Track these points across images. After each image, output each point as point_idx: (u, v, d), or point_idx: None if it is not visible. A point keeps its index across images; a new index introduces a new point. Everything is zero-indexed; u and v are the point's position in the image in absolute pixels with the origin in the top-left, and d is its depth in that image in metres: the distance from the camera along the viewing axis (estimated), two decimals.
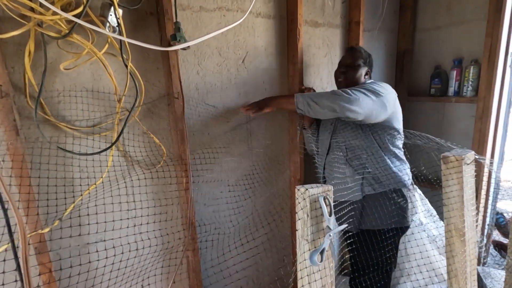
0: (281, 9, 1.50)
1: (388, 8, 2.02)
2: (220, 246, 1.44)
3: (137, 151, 1.17)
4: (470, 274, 1.01)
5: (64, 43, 0.97)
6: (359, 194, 1.37)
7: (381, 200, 1.34)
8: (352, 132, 1.38)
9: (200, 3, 1.25)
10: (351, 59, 1.42)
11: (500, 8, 1.67)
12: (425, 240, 1.52)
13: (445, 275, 1.46)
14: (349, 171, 1.38)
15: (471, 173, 0.98)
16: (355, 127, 1.38)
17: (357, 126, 1.37)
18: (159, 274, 1.24)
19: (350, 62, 1.42)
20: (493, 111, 1.79)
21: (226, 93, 1.40)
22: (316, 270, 0.73)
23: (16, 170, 0.88)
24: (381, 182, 1.35)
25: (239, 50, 1.41)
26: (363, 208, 1.37)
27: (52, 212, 0.98)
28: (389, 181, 1.35)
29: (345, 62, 1.43)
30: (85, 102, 1.04)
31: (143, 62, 1.15)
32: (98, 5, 0.97)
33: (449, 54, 2.01)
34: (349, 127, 1.39)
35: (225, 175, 1.44)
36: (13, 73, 0.91)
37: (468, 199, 0.97)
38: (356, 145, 1.37)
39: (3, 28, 0.87)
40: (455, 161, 0.94)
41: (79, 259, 1.07)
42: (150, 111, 1.19)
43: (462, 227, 0.96)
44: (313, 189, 0.71)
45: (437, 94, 2.02)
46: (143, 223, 1.20)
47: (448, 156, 0.96)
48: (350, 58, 1.43)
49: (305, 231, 0.71)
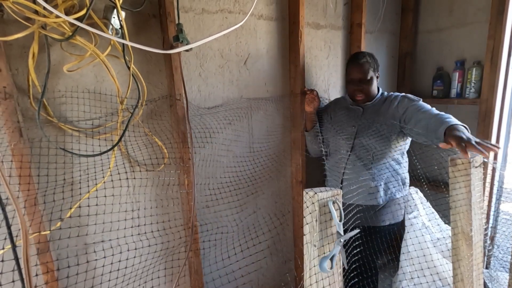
0: (283, 11, 1.51)
1: (390, 10, 2.02)
2: (224, 248, 1.44)
3: (139, 153, 1.17)
4: (476, 279, 0.99)
5: (68, 45, 0.98)
6: (383, 198, 1.41)
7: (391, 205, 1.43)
8: (378, 137, 1.37)
9: (202, 6, 1.25)
10: (362, 73, 1.36)
11: (503, 11, 1.66)
12: (429, 243, 1.51)
13: (448, 279, 1.45)
14: (374, 173, 1.39)
15: (479, 176, 0.94)
16: (384, 135, 1.37)
17: (387, 133, 1.37)
18: (162, 276, 1.24)
19: (363, 76, 1.36)
20: (496, 113, 1.78)
21: (228, 94, 1.41)
22: (324, 276, 0.71)
23: (19, 171, 0.89)
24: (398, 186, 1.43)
25: (241, 52, 1.41)
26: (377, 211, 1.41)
27: (55, 212, 0.99)
28: (400, 187, 1.44)
29: (357, 78, 1.37)
30: (87, 103, 1.05)
31: (146, 64, 1.15)
32: (101, 8, 0.98)
33: (451, 56, 2.00)
34: (373, 132, 1.39)
35: (227, 176, 1.44)
36: (17, 75, 0.92)
37: (476, 203, 0.94)
38: (381, 148, 1.37)
39: (8, 31, 0.88)
40: (463, 163, 0.90)
41: (81, 259, 1.07)
42: (152, 113, 1.20)
43: (469, 231, 0.93)
44: (322, 193, 0.69)
45: (440, 96, 2.01)
46: (146, 224, 1.20)
47: (456, 158, 0.92)
48: (361, 73, 1.36)
49: (314, 236, 0.69)
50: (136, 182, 1.18)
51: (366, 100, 1.43)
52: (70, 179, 1.04)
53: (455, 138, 0.95)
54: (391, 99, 1.39)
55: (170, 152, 1.23)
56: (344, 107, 1.51)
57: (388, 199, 1.42)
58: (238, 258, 1.46)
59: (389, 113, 1.36)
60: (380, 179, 1.38)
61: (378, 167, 1.39)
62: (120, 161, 1.14)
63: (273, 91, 1.56)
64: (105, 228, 1.11)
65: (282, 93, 1.59)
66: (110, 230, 1.12)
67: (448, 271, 1.46)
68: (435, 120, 1.14)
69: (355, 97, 1.42)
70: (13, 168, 0.89)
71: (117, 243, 1.13)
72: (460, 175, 0.92)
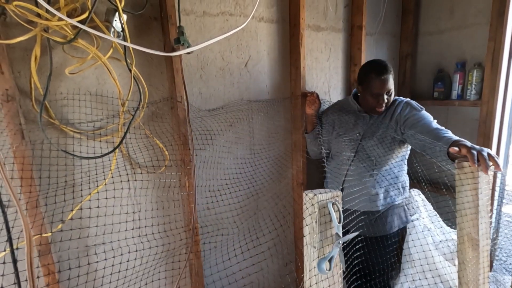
0: (284, 13, 1.51)
1: (390, 12, 2.02)
2: (224, 250, 1.44)
3: (140, 155, 1.17)
4: (482, 283, 0.98)
5: (70, 48, 0.98)
6: (382, 203, 1.41)
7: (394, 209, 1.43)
8: (382, 143, 1.37)
9: (204, 8, 1.26)
10: (388, 87, 1.32)
11: (503, 12, 1.66)
12: (431, 246, 1.50)
13: (450, 282, 1.44)
14: (376, 179, 1.38)
15: (486, 180, 0.92)
16: (388, 141, 1.37)
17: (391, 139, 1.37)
18: (163, 278, 1.24)
19: (389, 90, 1.32)
20: (497, 115, 1.78)
21: (228, 97, 1.41)
22: (324, 278, 0.71)
23: (20, 173, 0.89)
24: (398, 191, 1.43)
25: (242, 54, 1.42)
26: (378, 217, 1.41)
27: (56, 214, 0.99)
28: (400, 192, 1.44)
29: (384, 92, 1.32)
30: (89, 106, 1.05)
31: (147, 66, 1.16)
32: (103, 11, 0.98)
33: (452, 58, 2.00)
34: (378, 138, 1.38)
35: (228, 178, 1.44)
36: (19, 78, 0.93)
37: (483, 206, 0.92)
38: (384, 154, 1.37)
39: (11, 34, 0.88)
40: (470, 167, 0.89)
41: (82, 261, 1.07)
42: (154, 115, 1.20)
43: (475, 235, 0.91)
44: (321, 195, 0.69)
45: (440, 98, 2.01)
46: (147, 225, 1.20)
47: (463, 161, 0.90)
48: (387, 87, 1.31)
49: (314, 237, 0.69)
50: (137, 184, 1.18)
51: (384, 110, 1.39)
52: (72, 181, 1.04)
53: (465, 146, 0.94)
54: (395, 105, 1.39)
55: (171, 154, 1.24)
56: (351, 112, 1.48)
57: (388, 205, 1.42)
58: (239, 260, 1.46)
59: (393, 119, 1.37)
60: (382, 185, 1.38)
61: (380, 172, 1.39)
62: (121, 163, 1.14)
63: (273, 93, 1.56)
64: (106, 230, 1.11)
65: (283, 95, 1.60)
66: (111, 232, 1.12)
67: (450, 274, 1.45)
68: (434, 133, 1.16)
69: (376, 109, 1.36)
70: (15, 170, 0.89)
71: (118, 245, 1.13)
72: (466, 178, 0.90)
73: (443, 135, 1.13)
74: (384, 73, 1.30)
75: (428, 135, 1.18)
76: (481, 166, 0.87)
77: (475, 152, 0.89)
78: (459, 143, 0.98)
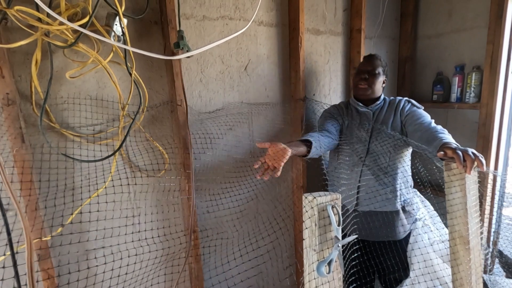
0: (283, 17, 1.52)
1: (389, 16, 2.03)
2: (224, 253, 1.43)
3: (140, 158, 1.17)
4: (476, 283, 0.99)
5: (70, 52, 0.99)
6: (399, 202, 1.39)
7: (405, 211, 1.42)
8: (392, 142, 1.37)
9: (204, 12, 1.27)
10: (372, 66, 1.40)
11: (501, 15, 1.67)
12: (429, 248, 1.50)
13: (449, 284, 1.43)
14: (390, 179, 1.37)
15: (473, 180, 0.96)
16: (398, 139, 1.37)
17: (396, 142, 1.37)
18: (162, 282, 1.24)
19: (371, 69, 1.40)
20: (497, 117, 1.78)
21: (228, 100, 1.41)
22: (324, 281, 0.71)
23: (20, 176, 0.89)
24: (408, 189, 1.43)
25: (242, 58, 1.42)
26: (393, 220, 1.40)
27: (56, 218, 0.99)
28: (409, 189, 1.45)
29: (366, 69, 1.41)
30: (89, 109, 1.06)
31: (147, 70, 1.16)
32: (104, 15, 0.99)
33: (451, 61, 2.01)
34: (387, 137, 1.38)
35: (228, 181, 1.44)
36: (20, 82, 0.93)
37: (471, 206, 0.95)
38: (396, 152, 1.37)
39: (12, 38, 0.89)
40: (458, 167, 0.92)
41: (81, 265, 1.07)
42: (154, 118, 1.20)
43: (466, 235, 0.94)
44: (321, 197, 0.69)
45: (440, 101, 2.01)
46: (147, 229, 1.20)
47: (451, 163, 0.93)
48: (370, 65, 1.40)
49: (313, 240, 0.69)
50: (137, 188, 1.18)
51: (368, 95, 1.41)
52: (71, 184, 1.04)
53: (451, 148, 0.96)
54: (396, 103, 1.41)
55: (171, 158, 1.24)
56: (355, 110, 1.49)
57: (403, 203, 1.41)
58: (238, 263, 1.45)
59: (396, 117, 1.38)
60: (395, 183, 1.37)
61: (393, 171, 1.37)
62: (121, 167, 1.14)
63: (273, 97, 1.57)
64: (105, 234, 1.11)
65: (283, 98, 1.60)
66: (111, 236, 1.12)
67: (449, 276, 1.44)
68: (429, 133, 1.19)
69: (358, 85, 1.41)
70: (15, 173, 0.89)
71: (117, 249, 1.13)
72: (456, 179, 0.93)
73: (437, 135, 1.15)
74: (371, 56, 1.43)
75: (425, 133, 1.21)
76: (466, 167, 0.90)
77: (461, 152, 0.91)
78: (444, 147, 1.00)
